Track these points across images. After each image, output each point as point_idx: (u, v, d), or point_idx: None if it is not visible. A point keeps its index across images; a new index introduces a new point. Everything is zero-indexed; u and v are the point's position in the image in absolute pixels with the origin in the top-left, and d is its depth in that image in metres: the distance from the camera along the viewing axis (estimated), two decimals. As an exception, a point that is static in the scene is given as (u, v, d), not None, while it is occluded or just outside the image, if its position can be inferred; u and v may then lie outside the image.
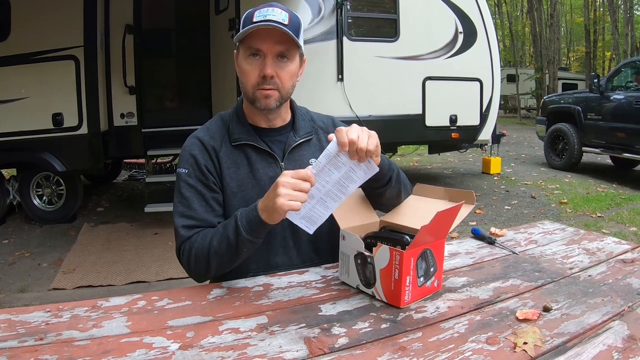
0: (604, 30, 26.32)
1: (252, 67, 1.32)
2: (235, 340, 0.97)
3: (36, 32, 4.67)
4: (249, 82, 1.34)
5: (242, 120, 1.43)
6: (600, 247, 1.55)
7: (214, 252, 1.24)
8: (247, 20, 1.29)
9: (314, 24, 5.17)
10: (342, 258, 1.25)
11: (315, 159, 1.45)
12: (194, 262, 1.29)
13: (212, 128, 1.44)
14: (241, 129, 1.41)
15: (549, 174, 7.98)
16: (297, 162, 1.44)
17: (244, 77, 1.35)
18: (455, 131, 5.99)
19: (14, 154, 4.91)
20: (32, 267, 4.04)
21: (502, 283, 1.26)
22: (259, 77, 1.32)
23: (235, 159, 1.39)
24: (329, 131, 1.52)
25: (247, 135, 1.40)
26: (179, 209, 1.35)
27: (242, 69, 1.34)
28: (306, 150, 1.47)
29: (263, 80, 1.32)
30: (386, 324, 1.04)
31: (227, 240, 1.23)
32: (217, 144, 1.39)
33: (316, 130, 1.52)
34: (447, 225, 1.19)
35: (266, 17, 1.28)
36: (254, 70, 1.32)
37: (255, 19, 1.28)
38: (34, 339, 0.96)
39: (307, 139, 1.48)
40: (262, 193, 1.35)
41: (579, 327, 1.02)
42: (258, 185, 1.39)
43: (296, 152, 1.45)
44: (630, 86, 7.53)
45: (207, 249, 1.26)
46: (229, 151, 1.40)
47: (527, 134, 14.18)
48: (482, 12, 6.00)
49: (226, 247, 1.23)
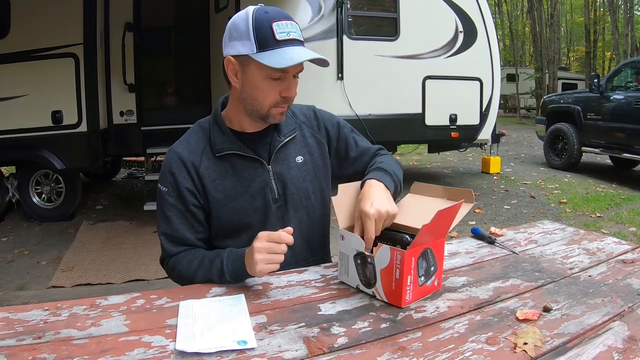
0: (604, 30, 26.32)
1: (273, 86, 1.29)
2: (234, 339, 0.97)
3: (36, 29, 4.66)
4: (265, 101, 1.30)
5: (224, 128, 1.39)
6: (600, 247, 1.55)
7: (199, 282, 1.30)
8: (269, 36, 1.23)
9: (314, 23, 5.16)
10: (342, 258, 1.24)
11: (301, 157, 1.45)
12: (175, 278, 1.38)
13: (192, 140, 1.40)
14: (223, 138, 1.37)
15: (548, 174, 7.99)
16: (284, 162, 1.43)
17: (260, 95, 1.30)
18: (455, 130, 5.99)
19: (13, 151, 4.90)
20: (30, 265, 4.04)
21: (502, 283, 1.26)
22: (279, 96, 1.30)
23: (220, 170, 1.37)
24: (312, 125, 1.52)
25: (230, 144, 1.37)
26: (162, 226, 1.38)
27: (260, 86, 1.29)
28: (291, 149, 1.45)
29: (283, 100, 1.31)
30: (386, 324, 1.04)
31: (211, 278, 1.28)
32: (196, 159, 1.36)
33: (299, 126, 1.49)
34: (447, 224, 1.19)
35: (289, 35, 1.24)
36: (274, 90, 1.29)
37: (279, 36, 1.23)
38: (32, 337, 0.96)
39: (291, 137, 1.45)
40: (252, 200, 1.37)
41: (579, 327, 1.02)
42: (247, 193, 1.38)
43: (282, 151, 1.43)
44: (630, 86, 7.52)
45: (191, 277, 1.31)
46: (212, 163, 1.36)
47: (527, 134, 14.18)
48: (482, 11, 6.00)
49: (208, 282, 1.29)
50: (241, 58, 1.28)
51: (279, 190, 1.41)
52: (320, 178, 1.50)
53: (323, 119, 1.55)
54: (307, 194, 1.46)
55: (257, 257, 1.15)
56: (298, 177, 1.44)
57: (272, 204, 1.40)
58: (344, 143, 1.55)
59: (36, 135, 4.77)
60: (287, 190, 1.42)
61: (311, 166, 1.48)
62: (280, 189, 1.41)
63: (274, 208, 1.41)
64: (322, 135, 1.52)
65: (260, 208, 1.39)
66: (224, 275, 1.24)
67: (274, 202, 1.41)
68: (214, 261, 1.27)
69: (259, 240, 1.17)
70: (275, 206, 1.41)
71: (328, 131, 1.53)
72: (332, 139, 1.54)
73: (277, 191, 1.41)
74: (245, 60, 1.28)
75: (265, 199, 1.39)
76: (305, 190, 1.45)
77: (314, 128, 1.52)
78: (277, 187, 1.41)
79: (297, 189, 1.44)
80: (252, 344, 0.93)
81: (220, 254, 1.28)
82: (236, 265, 1.23)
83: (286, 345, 0.94)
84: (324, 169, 1.51)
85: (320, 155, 1.50)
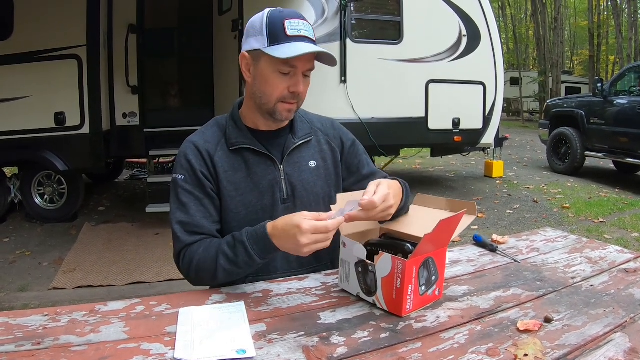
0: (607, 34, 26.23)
1: (282, 80, 1.31)
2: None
3: (39, 31, 4.67)
4: (273, 94, 1.32)
5: (239, 124, 1.42)
6: (602, 256, 1.54)
7: (222, 270, 1.25)
8: (280, 32, 1.27)
9: (317, 26, 5.17)
10: (343, 265, 1.24)
11: (314, 162, 1.45)
12: (194, 272, 1.30)
13: (207, 133, 1.43)
14: (239, 133, 1.40)
15: (551, 178, 7.97)
16: (296, 164, 1.44)
17: (269, 89, 1.33)
18: (458, 134, 5.99)
19: (16, 152, 4.91)
20: (32, 266, 4.04)
21: (503, 292, 1.25)
22: (287, 91, 1.32)
23: (233, 162, 1.38)
24: (328, 133, 1.53)
25: (244, 139, 1.39)
26: (177, 215, 1.35)
27: (270, 80, 1.32)
28: (305, 152, 1.47)
29: (291, 96, 1.33)
30: (386, 334, 1.03)
31: (235, 263, 1.23)
32: (211, 148, 1.38)
33: (315, 132, 1.51)
34: (449, 234, 1.18)
35: (300, 32, 1.28)
36: (282, 84, 1.31)
37: (290, 32, 1.27)
38: (31, 343, 0.96)
39: (305, 140, 1.47)
40: (261, 197, 1.38)
41: (580, 338, 1.01)
42: (257, 189, 1.39)
43: (295, 154, 1.45)
44: (633, 91, 7.49)
45: (212, 267, 1.26)
46: (226, 155, 1.39)
47: (530, 138, 14.15)
48: (486, 15, 5.99)
49: (236, 271, 1.25)
50: (254, 53, 1.33)
51: (288, 191, 1.42)
52: (331, 185, 1.51)
53: (340, 131, 1.58)
54: (317, 198, 1.46)
55: (303, 241, 1.11)
56: (309, 181, 1.45)
57: (280, 204, 1.41)
58: (356, 159, 1.56)
59: (39, 137, 4.78)
60: (296, 192, 1.43)
61: (323, 172, 1.49)
62: (289, 190, 1.42)
63: (282, 208, 1.41)
64: (337, 144, 1.54)
65: (268, 206, 1.40)
66: (253, 258, 1.21)
67: (282, 202, 1.41)
68: (235, 247, 1.23)
69: (305, 220, 1.13)
70: (283, 206, 1.41)
71: (343, 143, 1.55)
72: (345, 151, 1.55)
73: (286, 192, 1.42)
74: (257, 55, 1.32)
75: (274, 198, 1.40)
76: (315, 195, 1.46)
77: (329, 136, 1.53)
78: (286, 187, 1.42)
79: (308, 192, 1.44)
80: (251, 353, 0.93)
81: (238, 238, 1.24)
82: (262, 245, 1.20)
83: (285, 355, 0.94)
84: (335, 176, 1.52)
85: (333, 163, 1.52)
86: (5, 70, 4.68)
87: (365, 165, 1.57)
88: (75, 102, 4.75)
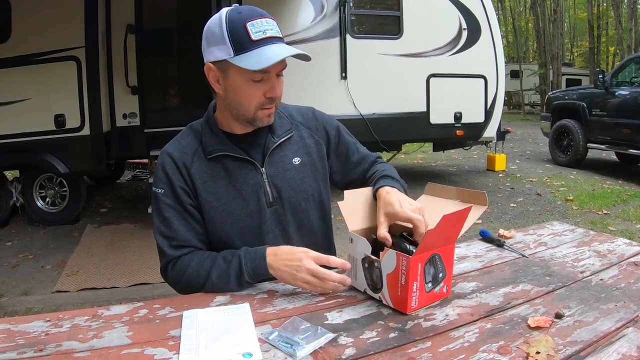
0: (607, 26, 26.13)
1: (256, 88, 1.25)
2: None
3: (37, 33, 4.64)
4: (251, 104, 1.27)
5: (215, 130, 1.36)
6: (611, 249, 1.52)
7: (211, 284, 1.25)
8: (244, 38, 1.19)
9: (316, 22, 5.15)
10: (351, 261, 1.22)
11: (298, 158, 1.42)
12: (184, 283, 1.30)
13: (183, 142, 1.37)
14: (215, 140, 1.35)
15: (554, 171, 7.94)
16: (279, 164, 1.39)
17: (245, 100, 1.27)
18: (459, 128, 5.97)
19: (16, 155, 4.88)
20: (35, 269, 4.03)
21: (512, 288, 1.23)
22: (264, 98, 1.27)
23: (212, 171, 1.34)
24: (310, 126, 1.48)
25: (221, 146, 1.34)
26: (161, 230, 1.33)
27: (243, 91, 1.26)
28: (287, 150, 1.42)
29: (268, 101, 1.28)
30: (394, 333, 1.01)
31: (227, 278, 1.24)
32: (188, 160, 1.33)
33: (296, 126, 1.46)
34: (457, 230, 1.16)
35: (265, 33, 1.20)
36: (258, 92, 1.26)
37: (254, 36, 1.19)
38: (33, 350, 0.94)
39: (287, 137, 1.42)
40: (245, 204, 1.34)
41: (592, 334, 0.99)
42: (239, 196, 1.35)
43: (277, 153, 1.40)
44: (635, 81, 7.44)
45: (203, 279, 1.26)
46: (204, 165, 1.34)
47: (532, 130, 14.10)
48: (485, 8, 5.97)
49: (224, 284, 1.24)
50: (220, 64, 1.25)
51: (273, 193, 1.38)
52: (319, 179, 1.47)
53: (322, 120, 1.52)
54: (305, 196, 1.43)
55: (308, 279, 1.17)
56: (295, 179, 1.41)
57: (266, 208, 1.37)
58: (344, 147, 1.53)
59: (39, 140, 4.75)
60: (282, 193, 1.39)
61: (309, 167, 1.45)
62: (274, 192, 1.38)
63: (269, 212, 1.38)
64: (321, 137, 1.49)
65: (254, 212, 1.36)
66: (243, 276, 1.21)
67: (269, 206, 1.37)
68: (231, 261, 1.24)
69: (309, 262, 1.18)
70: (271, 210, 1.38)
71: (328, 133, 1.51)
72: (332, 141, 1.51)
73: (271, 194, 1.37)
74: (225, 66, 1.24)
75: (259, 202, 1.36)
76: (303, 193, 1.42)
77: (312, 129, 1.48)
78: (271, 190, 1.37)
79: (295, 191, 1.41)
80: (258, 356, 0.91)
81: (236, 253, 1.25)
82: (256, 265, 1.21)
83: (292, 358, 0.92)
84: (322, 170, 1.48)
85: (319, 157, 1.47)
86: (4, 74, 4.65)
87: (354, 152, 1.54)
88: (75, 104, 4.73)
